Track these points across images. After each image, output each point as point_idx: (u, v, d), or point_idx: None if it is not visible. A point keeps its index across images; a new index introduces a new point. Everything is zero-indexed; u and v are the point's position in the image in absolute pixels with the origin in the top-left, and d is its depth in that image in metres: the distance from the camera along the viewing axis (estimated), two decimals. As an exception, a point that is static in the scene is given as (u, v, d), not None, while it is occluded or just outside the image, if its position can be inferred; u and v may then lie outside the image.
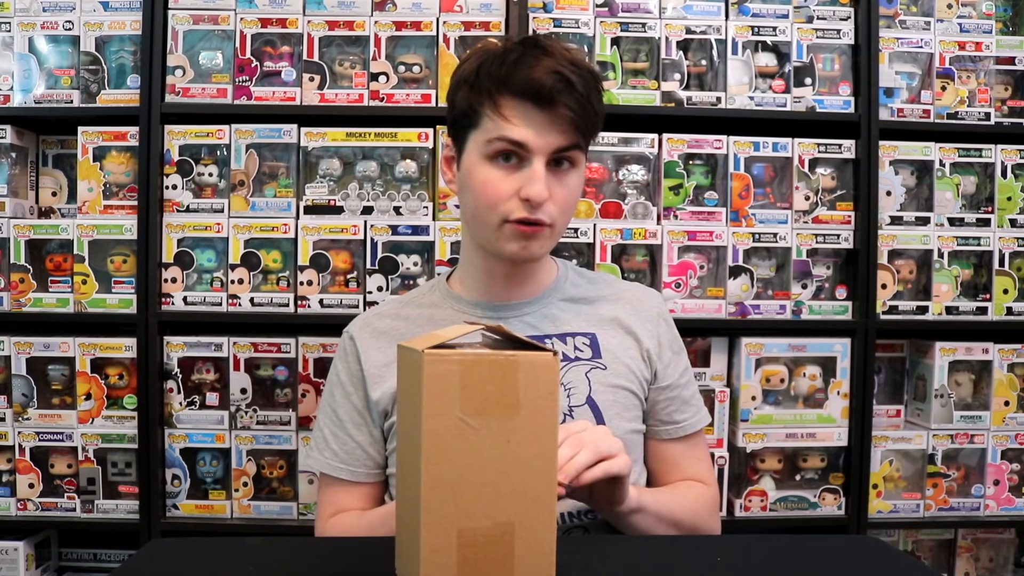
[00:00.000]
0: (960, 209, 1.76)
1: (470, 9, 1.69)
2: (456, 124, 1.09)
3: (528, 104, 1.01)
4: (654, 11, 1.72)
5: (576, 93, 1.01)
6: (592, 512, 1.05)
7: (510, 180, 1.03)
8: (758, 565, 0.77)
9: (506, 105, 1.02)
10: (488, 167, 1.04)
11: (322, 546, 0.82)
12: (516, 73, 1.01)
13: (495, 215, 1.05)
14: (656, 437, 1.18)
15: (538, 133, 1.02)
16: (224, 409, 1.67)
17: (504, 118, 1.02)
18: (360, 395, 1.15)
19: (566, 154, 1.04)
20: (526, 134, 1.01)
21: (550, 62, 1.02)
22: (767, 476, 1.71)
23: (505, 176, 1.04)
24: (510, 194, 1.03)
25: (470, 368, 0.64)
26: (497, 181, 1.04)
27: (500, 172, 1.04)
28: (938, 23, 1.76)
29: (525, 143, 1.02)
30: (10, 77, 1.69)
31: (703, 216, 1.70)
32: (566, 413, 1.10)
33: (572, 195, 1.08)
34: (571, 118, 1.01)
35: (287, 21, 1.67)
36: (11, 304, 1.67)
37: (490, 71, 1.03)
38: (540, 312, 1.15)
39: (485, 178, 1.04)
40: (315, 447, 1.17)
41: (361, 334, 1.17)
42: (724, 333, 1.74)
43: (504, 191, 1.03)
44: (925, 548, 1.83)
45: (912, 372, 1.82)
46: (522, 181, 1.02)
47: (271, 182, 1.69)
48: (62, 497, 1.67)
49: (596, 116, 1.06)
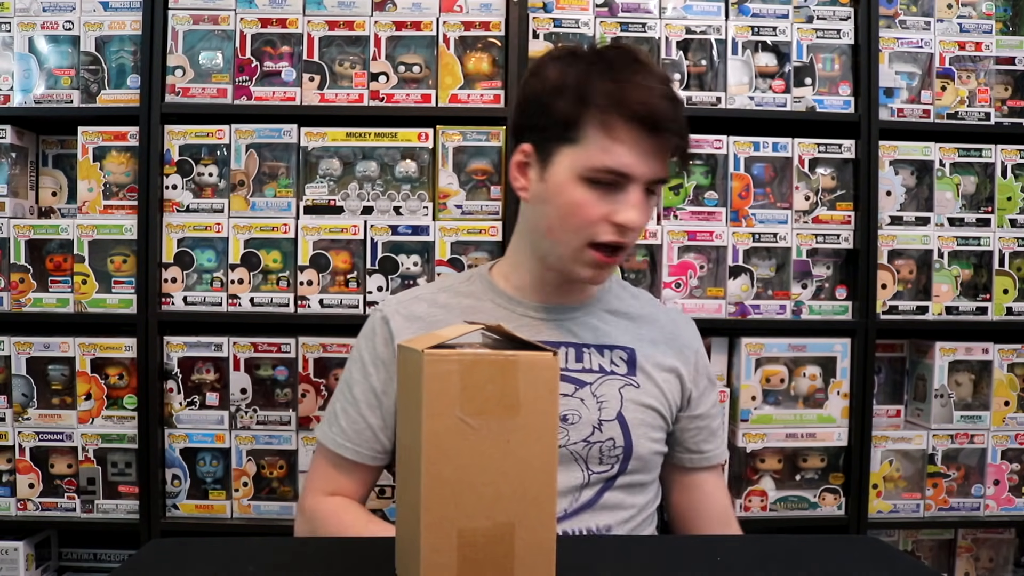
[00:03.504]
0: (960, 209, 1.76)
1: (470, 9, 1.69)
2: (547, 133, 1.03)
3: (638, 129, 0.97)
4: (654, 11, 1.72)
5: (681, 120, 0.99)
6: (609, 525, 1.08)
7: (603, 203, 1.00)
8: (758, 565, 0.77)
9: (618, 128, 0.98)
10: (583, 189, 1.00)
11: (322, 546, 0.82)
12: (632, 93, 0.97)
13: (580, 237, 1.02)
14: (680, 464, 1.18)
15: (643, 160, 0.99)
16: (224, 409, 1.67)
17: (614, 141, 0.98)
18: (380, 377, 1.11)
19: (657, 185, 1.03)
20: (628, 161, 0.98)
21: (660, 86, 0.98)
22: (767, 476, 1.71)
23: (599, 199, 1.00)
24: (600, 217, 1.00)
25: (470, 368, 0.64)
26: (591, 204, 1.00)
27: (595, 195, 1.00)
28: (938, 23, 1.76)
29: (627, 171, 0.99)
30: (10, 77, 1.69)
31: (703, 216, 1.70)
32: (595, 426, 1.07)
33: (648, 220, 1.06)
34: (676, 147, 0.99)
35: (287, 21, 1.67)
36: (11, 304, 1.67)
37: (602, 87, 0.98)
38: (583, 320, 1.13)
39: (579, 200, 1.00)
40: (325, 420, 1.15)
41: (396, 317, 1.12)
42: (724, 333, 1.74)
43: (595, 215, 1.00)
44: (925, 548, 1.83)
45: (912, 372, 1.82)
46: (615, 205, 1.00)
47: (271, 182, 1.69)
48: (62, 497, 1.67)
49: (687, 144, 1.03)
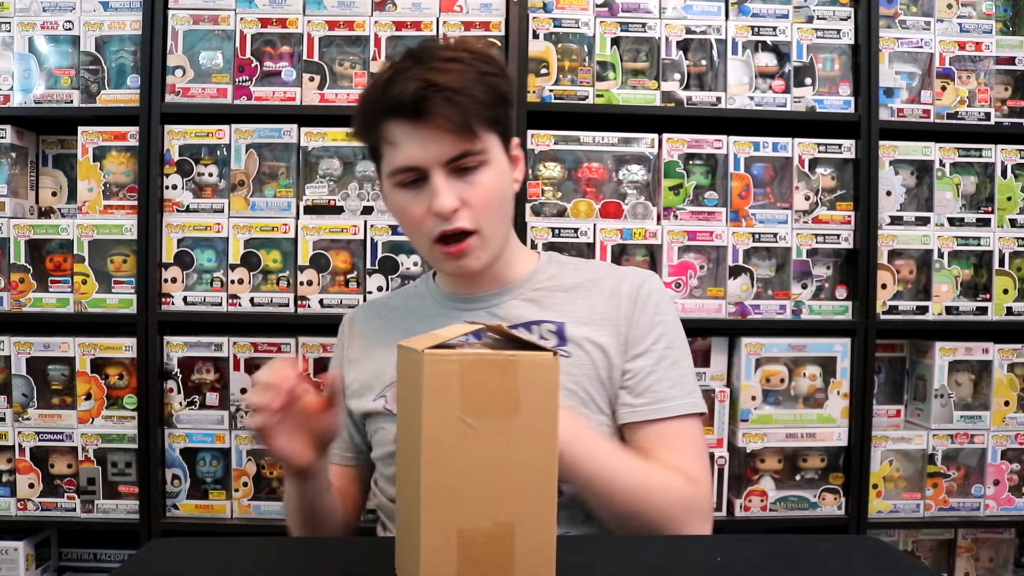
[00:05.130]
0: (960, 209, 1.76)
1: (470, 9, 1.69)
2: (372, 158, 1.10)
3: (404, 121, 0.99)
4: (654, 11, 1.72)
5: (446, 92, 0.96)
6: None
7: (419, 200, 1.03)
8: (758, 565, 0.77)
9: (388, 129, 1.01)
10: (399, 193, 1.04)
11: (322, 546, 0.82)
12: (384, 94, 0.99)
13: (420, 237, 1.05)
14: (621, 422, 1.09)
15: (421, 148, 0.99)
16: (224, 409, 1.67)
17: (391, 141, 1.01)
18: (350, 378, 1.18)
19: (464, 160, 1.01)
20: (411, 155, 1.00)
21: (417, 71, 0.98)
22: (767, 476, 1.71)
23: (415, 198, 1.03)
24: (425, 213, 1.02)
25: (470, 368, 0.64)
26: (409, 205, 1.04)
27: (409, 195, 1.03)
28: (938, 23, 1.76)
29: (414, 164, 1.00)
30: (10, 77, 1.69)
31: (703, 216, 1.70)
32: None
33: (490, 192, 1.03)
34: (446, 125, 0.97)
35: (287, 21, 1.67)
36: (11, 304, 1.67)
37: (369, 97, 1.02)
38: (510, 303, 1.13)
39: (399, 204, 1.05)
40: None
41: (356, 319, 1.23)
42: (724, 333, 1.74)
43: (418, 213, 1.03)
44: (925, 548, 1.83)
45: (912, 372, 1.82)
46: (429, 198, 1.01)
47: (271, 182, 1.69)
48: (62, 497, 1.67)
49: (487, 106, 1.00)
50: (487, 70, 1.01)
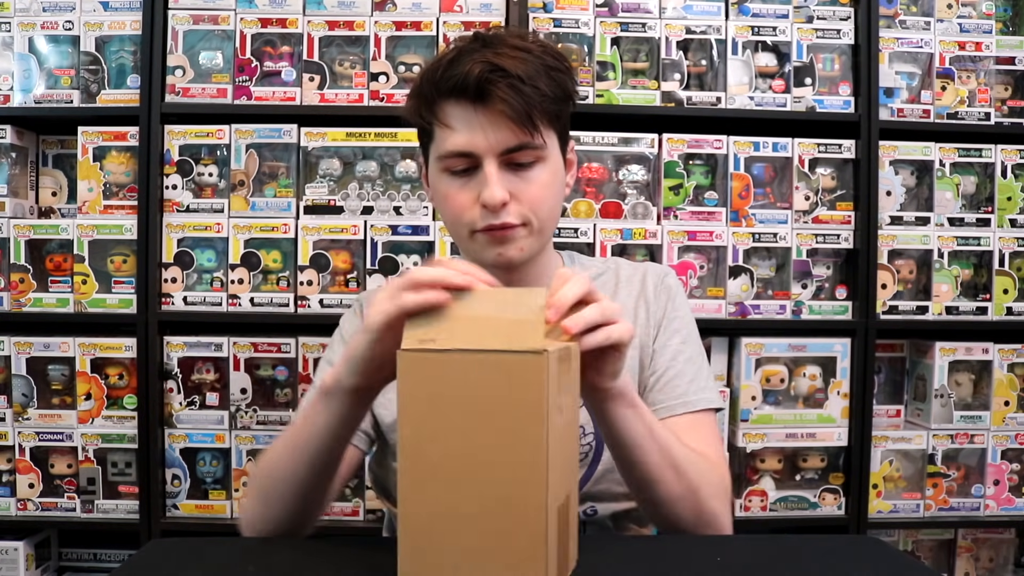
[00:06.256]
0: (960, 209, 1.76)
1: (470, 9, 1.69)
2: (420, 138, 1.05)
3: (464, 103, 0.95)
4: (654, 11, 1.72)
5: (512, 79, 0.92)
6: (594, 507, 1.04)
7: (468, 189, 0.98)
8: (758, 565, 0.77)
9: (445, 110, 0.96)
10: (446, 179, 0.99)
11: (322, 546, 0.82)
12: (447, 72, 0.94)
13: (462, 227, 1.00)
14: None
15: (479, 134, 0.95)
16: (224, 409, 1.67)
17: (445, 126, 0.96)
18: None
19: (521, 153, 0.97)
20: (466, 139, 0.95)
21: (484, 53, 0.94)
22: (767, 476, 1.71)
23: (462, 186, 0.98)
24: (471, 203, 0.97)
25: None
26: (456, 193, 0.98)
27: (457, 182, 0.98)
28: (938, 23, 1.76)
29: (468, 150, 0.96)
30: (10, 77, 1.69)
31: (703, 216, 1.70)
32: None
33: (544, 190, 0.99)
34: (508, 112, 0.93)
35: (287, 21, 1.67)
36: (11, 304, 1.67)
37: (428, 76, 0.97)
38: None
39: (444, 191, 1.00)
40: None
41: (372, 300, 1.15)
42: (724, 333, 1.74)
43: (464, 201, 0.98)
44: (925, 548, 1.83)
45: (912, 372, 1.82)
46: (478, 187, 0.96)
47: (271, 182, 1.69)
48: (62, 497, 1.67)
49: (551, 100, 0.97)
50: (555, 64, 0.98)
